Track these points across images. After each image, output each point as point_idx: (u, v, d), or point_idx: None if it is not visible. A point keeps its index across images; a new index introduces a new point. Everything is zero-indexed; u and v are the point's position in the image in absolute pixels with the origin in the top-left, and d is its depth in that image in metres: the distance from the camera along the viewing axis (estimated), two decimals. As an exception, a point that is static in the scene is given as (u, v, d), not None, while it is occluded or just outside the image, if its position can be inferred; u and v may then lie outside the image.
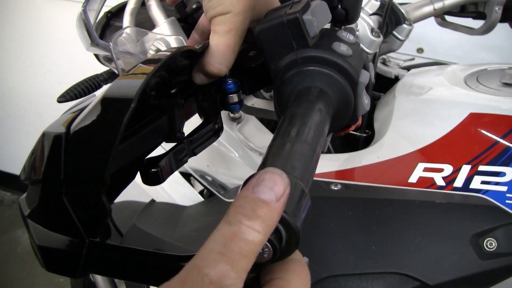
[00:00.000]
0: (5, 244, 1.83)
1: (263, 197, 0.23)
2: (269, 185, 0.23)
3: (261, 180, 0.24)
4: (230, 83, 0.41)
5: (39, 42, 1.80)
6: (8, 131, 2.07)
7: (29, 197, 0.29)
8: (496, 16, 0.86)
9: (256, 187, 0.23)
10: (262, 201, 0.23)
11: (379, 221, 0.57)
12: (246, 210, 0.23)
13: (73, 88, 0.66)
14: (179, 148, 0.37)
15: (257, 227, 0.22)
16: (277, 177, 0.24)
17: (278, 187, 0.23)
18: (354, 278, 0.54)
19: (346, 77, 0.35)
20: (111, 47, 0.57)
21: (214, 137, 0.42)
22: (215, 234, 0.22)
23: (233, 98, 0.42)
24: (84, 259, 0.26)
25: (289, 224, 0.24)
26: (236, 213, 0.23)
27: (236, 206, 0.23)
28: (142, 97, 0.28)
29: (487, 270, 0.52)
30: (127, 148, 0.31)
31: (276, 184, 0.23)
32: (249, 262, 0.22)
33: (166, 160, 0.35)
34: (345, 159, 0.64)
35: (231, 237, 0.22)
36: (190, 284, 0.21)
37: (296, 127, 0.30)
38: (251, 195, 0.23)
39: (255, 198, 0.23)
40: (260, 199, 0.23)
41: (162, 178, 0.34)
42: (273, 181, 0.24)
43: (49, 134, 0.26)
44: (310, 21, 0.35)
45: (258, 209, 0.23)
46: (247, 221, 0.22)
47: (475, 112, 0.59)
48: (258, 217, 0.22)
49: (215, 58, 0.38)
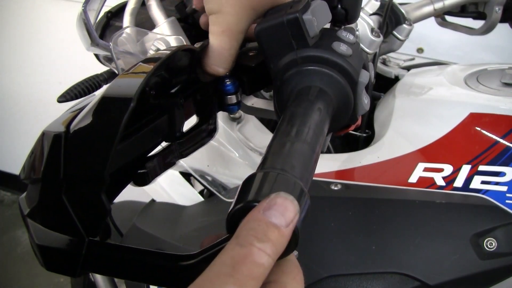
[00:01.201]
0: (5, 244, 1.83)
1: (274, 221, 0.23)
2: (281, 210, 0.23)
3: (273, 204, 0.24)
4: (228, 84, 0.41)
5: (39, 42, 1.80)
6: (8, 131, 2.07)
7: (28, 196, 0.29)
8: (496, 16, 0.86)
9: (267, 211, 0.23)
10: (273, 225, 0.23)
11: (379, 221, 0.57)
12: (258, 233, 0.22)
13: (73, 88, 0.66)
14: (168, 150, 0.37)
15: (268, 250, 0.22)
16: (289, 203, 0.24)
17: (289, 213, 0.23)
18: (354, 278, 0.54)
19: (346, 77, 0.35)
20: (111, 47, 0.57)
21: (207, 138, 0.41)
22: (224, 255, 0.22)
23: (231, 99, 0.41)
24: (84, 258, 0.26)
25: None
26: (248, 235, 0.22)
27: (247, 228, 0.23)
28: (142, 96, 0.28)
29: (487, 270, 0.52)
30: (126, 147, 0.31)
31: (287, 210, 0.24)
32: (258, 285, 0.22)
33: (155, 162, 0.35)
34: (345, 159, 0.64)
35: (241, 259, 0.21)
36: None
37: (296, 126, 0.30)
38: (264, 218, 0.23)
39: (268, 221, 0.23)
40: (272, 223, 0.23)
41: (148, 180, 0.34)
42: (285, 207, 0.24)
43: (49, 133, 0.26)
44: (310, 20, 0.35)
45: (269, 233, 0.22)
46: (258, 244, 0.22)
47: (475, 112, 0.59)
48: (269, 240, 0.22)
49: (211, 59, 0.38)
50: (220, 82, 0.41)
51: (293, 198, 0.24)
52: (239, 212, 0.25)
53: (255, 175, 0.26)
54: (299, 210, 0.24)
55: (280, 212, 0.23)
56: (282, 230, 0.23)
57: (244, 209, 0.24)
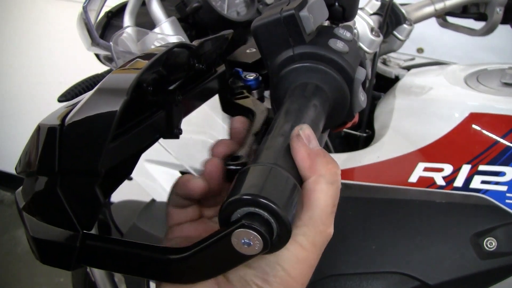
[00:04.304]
0: (5, 244, 1.83)
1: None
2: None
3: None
4: (251, 79, 0.41)
5: (40, 42, 1.80)
6: (8, 131, 2.08)
7: (24, 189, 0.29)
8: (497, 17, 0.86)
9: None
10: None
11: (379, 221, 0.57)
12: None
13: (74, 87, 0.67)
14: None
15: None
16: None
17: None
18: (354, 278, 0.54)
19: (342, 74, 0.35)
20: (111, 46, 0.57)
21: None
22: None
23: (253, 95, 0.42)
24: (78, 252, 0.27)
25: (280, 217, 0.24)
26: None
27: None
28: (138, 91, 0.28)
29: (487, 269, 0.52)
30: (123, 143, 0.31)
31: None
32: None
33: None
34: (345, 159, 0.64)
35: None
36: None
37: (291, 122, 0.30)
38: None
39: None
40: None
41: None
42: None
43: (44, 126, 0.26)
44: (306, 17, 0.35)
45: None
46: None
47: (475, 112, 0.58)
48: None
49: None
50: (238, 77, 0.41)
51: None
52: (232, 205, 0.25)
53: (249, 168, 0.26)
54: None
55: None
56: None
57: (237, 202, 0.24)
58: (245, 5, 0.70)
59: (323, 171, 0.28)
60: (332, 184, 0.28)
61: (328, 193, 0.28)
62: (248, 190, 0.25)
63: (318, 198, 0.28)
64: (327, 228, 0.28)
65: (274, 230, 0.24)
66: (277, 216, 0.24)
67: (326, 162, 0.28)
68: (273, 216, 0.24)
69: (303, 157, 0.28)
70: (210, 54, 0.41)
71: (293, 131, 0.29)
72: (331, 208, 0.28)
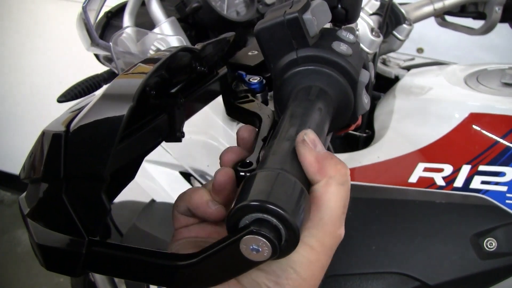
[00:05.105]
0: (5, 244, 1.82)
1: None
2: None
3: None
4: (255, 82, 0.41)
5: (39, 42, 1.80)
6: (8, 131, 2.07)
7: (28, 196, 0.29)
8: (496, 16, 0.86)
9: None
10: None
11: (379, 221, 0.57)
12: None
13: (73, 88, 0.66)
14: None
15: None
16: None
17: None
18: (354, 278, 0.55)
19: (346, 77, 0.35)
20: (111, 47, 0.57)
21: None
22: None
23: (258, 98, 0.42)
24: (84, 258, 0.26)
25: (289, 223, 0.24)
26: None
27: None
28: (142, 96, 0.28)
29: (487, 270, 0.52)
30: (126, 147, 0.31)
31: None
32: None
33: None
34: (345, 159, 0.64)
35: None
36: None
37: (296, 126, 0.30)
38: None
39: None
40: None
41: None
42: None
43: (49, 132, 0.26)
44: (310, 20, 0.35)
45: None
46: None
47: (475, 112, 0.59)
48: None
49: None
50: (241, 80, 0.41)
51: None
52: (240, 211, 0.24)
53: (256, 174, 0.26)
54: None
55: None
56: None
57: (245, 209, 0.24)
58: (244, 5, 0.70)
59: (333, 173, 0.28)
60: (342, 185, 0.28)
61: (339, 195, 0.28)
62: (255, 196, 0.24)
63: (329, 200, 0.28)
64: (337, 230, 0.28)
65: (282, 236, 0.24)
66: (285, 222, 0.24)
67: (335, 164, 0.29)
68: (282, 221, 0.24)
69: (311, 161, 0.28)
70: (211, 57, 0.40)
71: (297, 137, 0.29)
72: (342, 209, 0.28)
